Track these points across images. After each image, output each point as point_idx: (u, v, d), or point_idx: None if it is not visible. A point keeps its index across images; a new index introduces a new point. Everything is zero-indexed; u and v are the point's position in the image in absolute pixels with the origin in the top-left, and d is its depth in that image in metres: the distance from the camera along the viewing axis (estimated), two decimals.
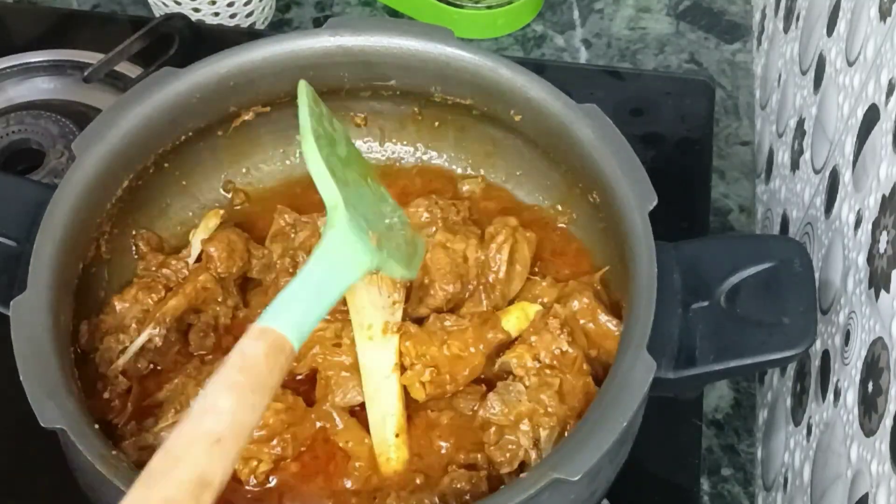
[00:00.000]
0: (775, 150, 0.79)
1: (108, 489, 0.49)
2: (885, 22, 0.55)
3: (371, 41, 0.64)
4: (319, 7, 0.98)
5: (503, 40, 0.94)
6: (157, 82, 0.62)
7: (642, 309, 0.53)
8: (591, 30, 0.95)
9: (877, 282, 0.52)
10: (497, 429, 0.57)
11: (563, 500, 0.52)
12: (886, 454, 0.47)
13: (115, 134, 0.60)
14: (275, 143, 0.71)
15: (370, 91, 0.68)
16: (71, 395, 0.52)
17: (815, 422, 0.59)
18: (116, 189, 0.61)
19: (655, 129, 0.82)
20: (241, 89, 0.64)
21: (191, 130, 0.65)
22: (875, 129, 0.55)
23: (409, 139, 0.72)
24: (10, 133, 0.81)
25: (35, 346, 0.52)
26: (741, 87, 0.91)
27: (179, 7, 0.89)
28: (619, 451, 0.56)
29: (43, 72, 0.86)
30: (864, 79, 0.58)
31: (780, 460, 0.65)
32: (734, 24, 0.95)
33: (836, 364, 0.57)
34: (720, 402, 0.74)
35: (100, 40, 0.86)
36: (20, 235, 0.58)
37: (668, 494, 0.66)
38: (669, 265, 0.56)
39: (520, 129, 0.65)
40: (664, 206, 0.56)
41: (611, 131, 0.59)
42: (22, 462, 0.65)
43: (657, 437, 0.62)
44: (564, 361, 0.58)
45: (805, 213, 0.68)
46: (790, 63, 0.77)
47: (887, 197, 0.52)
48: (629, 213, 0.56)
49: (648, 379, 0.51)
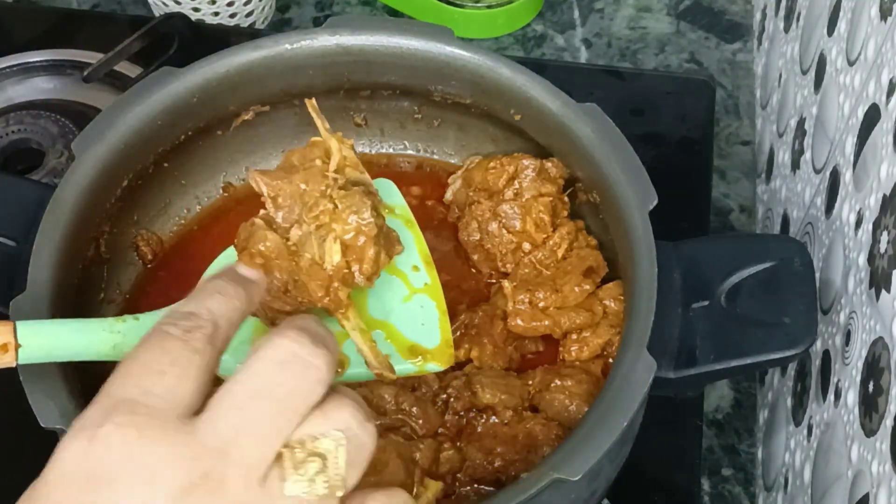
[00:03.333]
0: (776, 149, 0.79)
1: None
2: (885, 21, 0.55)
3: (371, 41, 0.64)
4: (319, 7, 0.98)
5: (503, 40, 0.94)
6: (157, 82, 0.62)
7: (642, 309, 0.53)
8: (591, 29, 0.95)
9: (877, 282, 0.52)
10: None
11: (564, 499, 0.52)
12: (887, 454, 0.47)
13: (115, 134, 0.60)
14: (275, 143, 0.70)
15: (370, 91, 0.68)
16: (71, 395, 0.51)
17: (815, 422, 0.59)
18: (116, 189, 0.61)
19: (656, 128, 0.82)
20: (241, 89, 0.64)
21: (191, 130, 0.64)
22: (875, 128, 0.55)
23: (409, 139, 0.72)
24: (10, 133, 0.81)
25: None
26: (742, 86, 0.91)
27: (179, 7, 0.89)
28: (619, 451, 0.56)
29: (43, 71, 0.86)
30: (865, 78, 0.58)
31: (780, 460, 0.65)
32: (734, 23, 0.95)
33: (837, 364, 0.57)
34: (720, 402, 0.74)
35: (99, 40, 0.86)
36: (20, 235, 0.58)
37: (668, 494, 0.66)
38: (669, 265, 0.56)
39: (520, 128, 0.65)
40: (664, 205, 0.56)
41: (611, 131, 0.59)
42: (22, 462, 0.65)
43: (657, 437, 0.62)
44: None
45: (805, 212, 0.68)
46: (791, 63, 0.77)
47: (888, 197, 0.52)
48: (629, 213, 0.56)
49: (649, 379, 0.51)
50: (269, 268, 0.52)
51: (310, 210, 0.53)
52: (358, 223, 0.53)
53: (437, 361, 0.57)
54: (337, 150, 0.55)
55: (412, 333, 0.57)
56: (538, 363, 0.61)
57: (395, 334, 0.57)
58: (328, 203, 0.53)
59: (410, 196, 0.69)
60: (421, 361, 0.57)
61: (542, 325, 0.60)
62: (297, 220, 0.54)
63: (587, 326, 0.60)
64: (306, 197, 0.54)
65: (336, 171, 0.55)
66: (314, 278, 0.53)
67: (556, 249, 0.63)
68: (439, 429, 0.58)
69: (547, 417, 0.58)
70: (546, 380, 0.59)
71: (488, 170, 0.65)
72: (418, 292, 0.59)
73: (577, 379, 0.58)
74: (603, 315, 0.60)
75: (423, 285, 0.59)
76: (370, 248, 0.53)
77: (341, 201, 0.54)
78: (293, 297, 0.54)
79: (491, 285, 0.65)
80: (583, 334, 0.61)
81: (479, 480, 0.56)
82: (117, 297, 0.65)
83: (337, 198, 0.54)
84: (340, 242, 0.53)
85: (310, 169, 0.55)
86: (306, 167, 0.55)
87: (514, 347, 0.62)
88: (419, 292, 0.59)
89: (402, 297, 0.58)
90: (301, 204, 0.54)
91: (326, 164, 0.55)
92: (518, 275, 0.63)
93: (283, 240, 0.54)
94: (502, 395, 0.58)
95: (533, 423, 0.57)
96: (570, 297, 0.60)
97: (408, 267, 0.59)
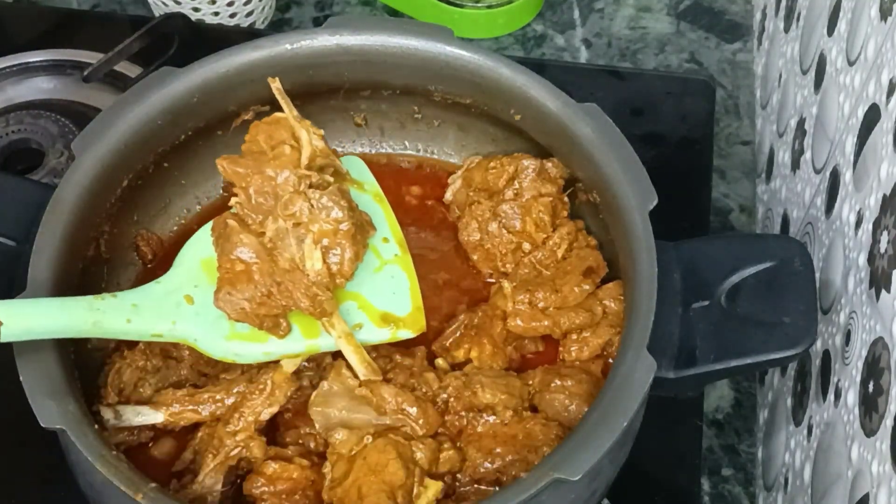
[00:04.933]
0: (776, 149, 0.79)
1: (108, 489, 0.49)
2: (885, 21, 0.55)
3: (371, 40, 0.64)
4: (319, 6, 0.98)
5: (503, 40, 0.94)
6: (157, 82, 0.62)
7: (643, 309, 0.53)
8: (591, 29, 0.95)
9: (877, 282, 0.52)
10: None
11: (564, 499, 0.52)
12: (887, 454, 0.47)
13: (115, 134, 0.60)
14: None
15: (370, 91, 0.68)
16: (71, 395, 0.51)
17: (815, 422, 0.59)
18: (116, 188, 0.61)
19: (656, 128, 0.82)
20: (241, 89, 0.64)
21: (190, 130, 0.64)
22: (875, 128, 0.55)
23: (409, 139, 0.72)
24: (10, 133, 0.81)
25: (35, 346, 0.52)
26: (742, 86, 0.91)
27: (179, 7, 0.89)
28: (619, 451, 0.56)
29: (43, 71, 0.86)
30: (865, 78, 0.58)
31: (780, 460, 0.65)
32: (735, 23, 0.95)
33: (837, 364, 0.57)
34: (720, 402, 0.74)
35: (99, 40, 0.86)
36: (20, 235, 0.58)
37: (668, 494, 0.66)
38: (670, 265, 0.56)
39: (520, 128, 0.65)
40: (664, 205, 0.56)
41: (611, 131, 0.59)
42: (22, 462, 0.65)
43: (657, 437, 0.62)
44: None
45: (805, 212, 0.68)
46: (791, 63, 0.77)
47: (888, 197, 0.52)
48: (629, 213, 0.56)
49: (649, 379, 0.51)
50: (249, 273, 0.54)
51: (285, 207, 0.54)
52: (335, 223, 0.55)
53: (409, 328, 0.59)
54: (307, 143, 0.56)
55: (384, 303, 0.59)
56: (538, 363, 0.61)
57: (367, 305, 0.58)
58: (303, 201, 0.54)
59: (410, 196, 0.70)
60: (393, 328, 0.58)
61: (542, 325, 0.60)
62: (269, 210, 0.55)
63: (587, 326, 0.60)
64: (279, 190, 0.55)
65: (308, 166, 0.55)
66: (298, 286, 0.54)
67: (556, 250, 0.63)
68: (439, 429, 0.58)
69: (547, 417, 0.58)
70: (546, 380, 0.59)
71: (488, 170, 0.65)
72: (388, 263, 0.60)
73: (577, 379, 0.58)
74: (603, 315, 0.60)
75: (392, 256, 0.60)
76: (348, 249, 0.55)
77: (317, 201, 0.54)
78: (277, 302, 0.54)
79: (491, 285, 0.65)
80: (583, 334, 0.61)
81: (479, 480, 0.56)
82: None
83: (312, 197, 0.55)
84: (320, 246, 0.54)
85: (279, 158, 0.55)
86: (276, 154, 0.56)
87: (513, 347, 0.62)
88: (389, 263, 0.60)
89: (374, 268, 0.59)
90: (273, 195, 0.55)
91: (296, 149, 0.56)
92: (518, 275, 0.63)
93: (258, 239, 0.54)
94: (502, 395, 0.58)
95: (533, 423, 0.57)
96: (570, 298, 0.60)
97: (378, 240, 0.60)
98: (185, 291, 0.57)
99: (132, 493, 0.48)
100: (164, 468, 0.57)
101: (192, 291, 0.57)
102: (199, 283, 0.57)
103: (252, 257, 0.54)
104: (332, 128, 0.71)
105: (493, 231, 0.64)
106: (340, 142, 0.72)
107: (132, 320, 0.54)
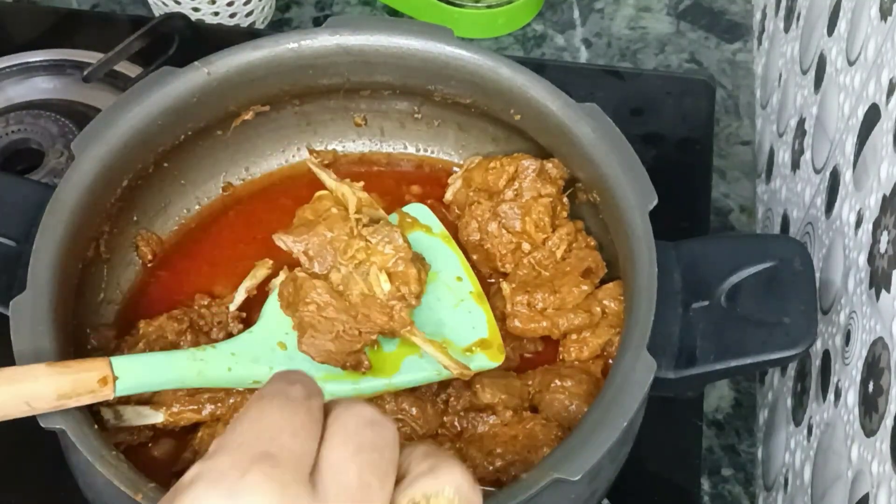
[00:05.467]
0: (776, 149, 0.79)
1: (108, 489, 0.49)
2: (885, 21, 0.55)
3: (371, 40, 0.64)
4: (319, 6, 0.98)
5: (503, 40, 0.94)
6: (157, 82, 0.61)
7: (642, 309, 0.53)
8: (591, 29, 0.95)
9: (877, 282, 0.52)
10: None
11: (564, 499, 0.52)
12: (887, 454, 0.47)
13: (115, 134, 0.60)
14: (275, 143, 0.70)
15: (370, 90, 0.68)
16: None
17: (815, 422, 0.59)
18: (116, 189, 0.61)
19: (656, 128, 0.82)
20: (241, 89, 0.64)
21: (190, 130, 0.64)
22: (875, 128, 0.55)
23: (409, 138, 0.72)
24: (10, 133, 0.81)
25: (35, 346, 0.52)
26: (742, 86, 0.91)
27: (179, 7, 0.89)
28: (619, 451, 0.56)
29: (42, 71, 0.86)
30: (865, 78, 0.58)
31: (780, 460, 0.65)
32: (734, 23, 0.95)
33: (837, 364, 0.57)
34: (720, 402, 0.74)
35: (99, 40, 0.86)
36: (20, 235, 0.58)
37: (668, 494, 0.66)
38: (670, 265, 0.56)
39: (520, 128, 0.65)
40: (664, 205, 0.56)
41: (611, 130, 0.59)
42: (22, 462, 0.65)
43: (657, 437, 0.62)
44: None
45: (805, 212, 0.68)
46: (791, 62, 0.77)
47: (888, 197, 0.52)
48: (629, 213, 0.56)
49: (649, 379, 0.51)
50: (324, 315, 0.56)
51: (343, 253, 0.58)
52: (394, 250, 0.57)
53: (493, 360, 0.60)
54: (351, 194, 0.60)
55: (465, 338, 0.60)
56: (538, 363, 0.61)
57: (451, 345, 0.59)
58: (360, 241, 0.57)
59: (410, 195, 0.70)
60: (476, 360, 0.59)
61: (541, 326, 0.60)
62: (332, 265, 0.58)
63: (586, 327, 0.60)
64: (335, 242, 0.58)
65: (357, 213, 0.59)
66: (373, 308, 0.56)
67: (555, 250, 0.63)
68: (439, 429, 0.58)
69: (547, 417, 0.58)
70: (546, 380, 0.59)
71: (488, 170, 0.65)
72: (465, 300, 0.62)
73: (576, 379, 0.58)
74: (602, 315, 0.60)
75: (467, 293, 0.62)
76: (411, 268, 0.57)
77: (372, 236, 0.58)
78: (356, 331, 0.57)
79: (490, 286, 0.65)
80: (582, 334, 0.61)
81: (479, 480, 0.56)
82: (117, 296, 0.65)
83: (367, 234, 0.58)
84: (385, 271, 0.57)
85: (329, 218, 0.59)
86: (325, 217, 0.59)
87: (513, 348, 0.62)
88: (465, 300, 0.62)
89: (452, 305, 0.61)
90: (332, 250, 0.58)
91: (342, 210, 0.59)
92: (516, 276, 0.63)
93: (328, 283, 0.58)
94: (502, 395, 0.58)
95: (533, 423, 0.57)
96: (569, 299, 0.60)
97: (451, 279, 0.62)
98: (278, 338, 0.59)
99: (132, 493, 0.48)
100: (164, 468, 0.57)
101: (283, 338, 0.58)
102: (289, 329, 0.58)
103: (326, 299, 0.56)
104: (332, 128, 0.71)
105: (493, 231, 0.64)
106: (340, 142, 0.72)
107: (232, 368, 0.56)
